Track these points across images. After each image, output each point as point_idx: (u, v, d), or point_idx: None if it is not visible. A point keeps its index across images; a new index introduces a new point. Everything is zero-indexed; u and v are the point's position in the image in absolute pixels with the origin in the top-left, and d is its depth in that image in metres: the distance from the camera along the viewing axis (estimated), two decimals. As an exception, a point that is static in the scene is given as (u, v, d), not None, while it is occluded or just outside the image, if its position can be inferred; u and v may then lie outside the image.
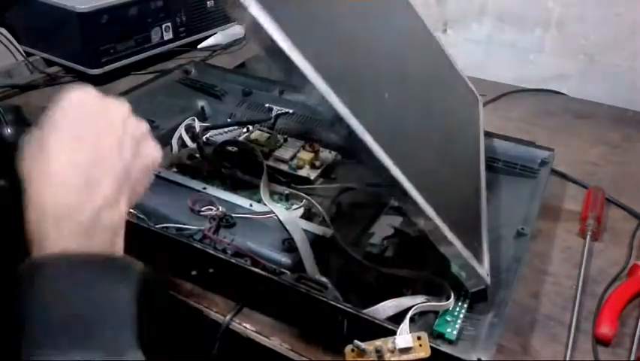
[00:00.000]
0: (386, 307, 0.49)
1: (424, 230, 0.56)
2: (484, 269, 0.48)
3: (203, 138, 0.74)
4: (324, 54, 0.42)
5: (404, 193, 0.43)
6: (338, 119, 0.39)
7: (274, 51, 0.37)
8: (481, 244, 0.52)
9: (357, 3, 0.54)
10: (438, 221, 0.44)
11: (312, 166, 0.71)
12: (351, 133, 0.40)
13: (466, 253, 0.46)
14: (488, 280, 0.48)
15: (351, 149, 0.41)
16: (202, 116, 0.84)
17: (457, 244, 0.45)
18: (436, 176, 0.52)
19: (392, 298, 0.50)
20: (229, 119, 0.83)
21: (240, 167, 0.70)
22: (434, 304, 0.50)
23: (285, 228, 0.58)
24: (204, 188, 0.65)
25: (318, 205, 0.64)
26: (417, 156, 0.50)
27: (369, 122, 0.41)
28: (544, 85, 1.04)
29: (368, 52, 0.52)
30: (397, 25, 0.64)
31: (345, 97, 0.39)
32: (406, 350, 0.43)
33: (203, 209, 0.61)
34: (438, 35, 0.77)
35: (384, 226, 0.60)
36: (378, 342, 0.44)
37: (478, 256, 0.48)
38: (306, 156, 0.72)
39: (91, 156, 0.37)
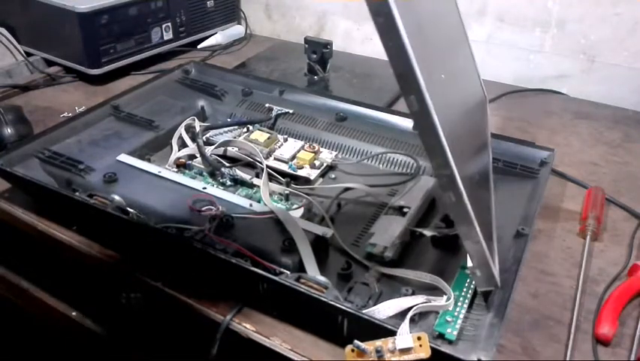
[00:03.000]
0: (386, 307, 0.49)
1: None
2: (496, 270, 0.48)
3: (203, 137, 0.74)
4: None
5: (452, 180, 0.40)
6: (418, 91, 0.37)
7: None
8: (493, 244, 0.52)
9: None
10: (474, 220, 0.43)
11: (312, 166, 0.72)
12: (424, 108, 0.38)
13: (487, 253, 0.46)
14: (499, 281, 0.48)
15: (417, 124, 0.39)
16: (202, 116, 0.84)
17: (483, 243, 0.45)
18: (469, 172, 0.51)
19: (392, 298, 0.51)
20: (229, 119, 0.83)
21: (239, 167, 0.70)
22: (434, 304, 0.50)
23: (285, 228, 0.58)
24: (204, 188, 0.65)
25: (318, 205, 0.64)
26: (459, 147, 0.47)
27: (434, 102, 0.39)
28: (544, 85, 1.04)
29: (430, 28, 0.50)
30: (444, 7, 0.63)
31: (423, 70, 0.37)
32: (406, 350, 0.43)
33: (203, 209, 0.61)
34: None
35: (385, 226, 0.60)
36: (378, 342, 0.44)
37: (493, 257, 0.48)
38: (306, 156, 0.72)
39: None
